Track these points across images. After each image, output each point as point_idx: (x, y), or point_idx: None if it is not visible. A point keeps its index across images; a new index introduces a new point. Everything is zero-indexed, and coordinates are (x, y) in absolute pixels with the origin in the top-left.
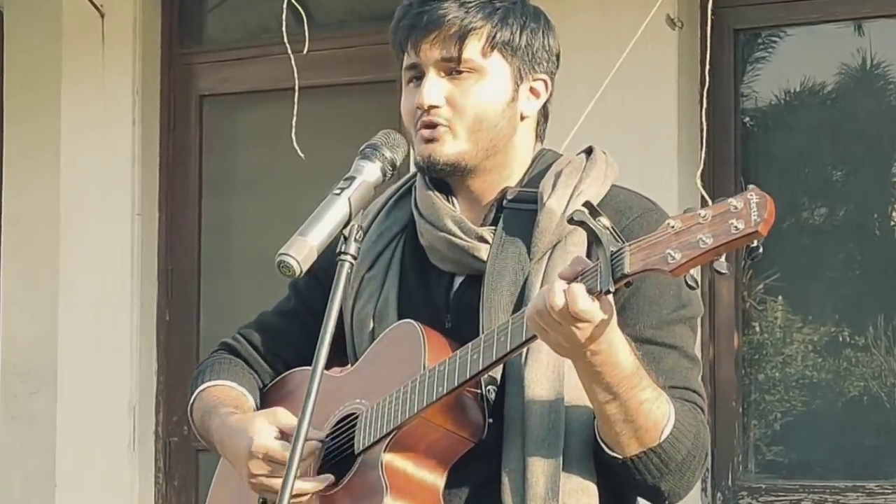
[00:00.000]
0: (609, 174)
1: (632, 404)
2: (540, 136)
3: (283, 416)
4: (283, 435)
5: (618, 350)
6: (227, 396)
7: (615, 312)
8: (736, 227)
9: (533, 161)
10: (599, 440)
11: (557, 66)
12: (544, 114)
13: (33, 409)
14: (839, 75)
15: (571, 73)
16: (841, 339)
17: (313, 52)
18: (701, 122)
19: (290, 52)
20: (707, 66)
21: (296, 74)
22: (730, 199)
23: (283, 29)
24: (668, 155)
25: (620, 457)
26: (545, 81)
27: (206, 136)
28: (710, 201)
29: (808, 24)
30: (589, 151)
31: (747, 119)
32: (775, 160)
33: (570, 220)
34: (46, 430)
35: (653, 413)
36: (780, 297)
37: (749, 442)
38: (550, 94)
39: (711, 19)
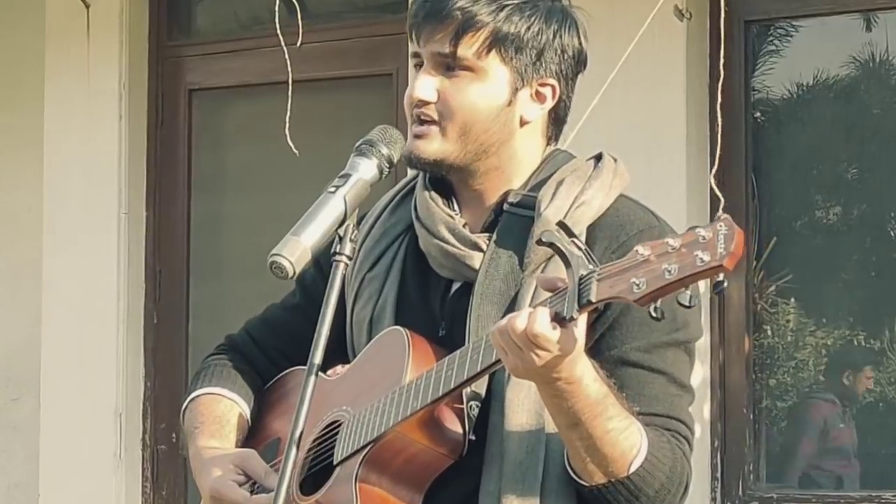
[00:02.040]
0: (615, 184)
1: (596, 433)
2: (551, 139)
3: (251, 460)
4: (247, 479)
5: (582, 376)
6: (211, 414)
7: (579, 340)
8: (701, 258)
9: (542, 163)
10: (567, 466)
11: (579, 68)
12: (555, 118)
13: (16, 415)
14: (853, 68)
15: None
16: (856, 342)
17: (307, 44)
18: (715, 117)
19: (283, 44)
20: (717, 60)
21: (289, 68)
22: (699, 229)
23: (276, 20)
24: (677, 151)
25: (587, 484)
26: (553, 86)
27: (196, 131)
28: (722, 200)
29: (821, 15)
30: (599, 158)
31: (758, 114)
32: (787, 156)
33: (539, 242)
34: (30, 437)
35: (619, 444)
36: (792, 300)
37: (760, 450)
38: (561, 99)
39: (723, 10)
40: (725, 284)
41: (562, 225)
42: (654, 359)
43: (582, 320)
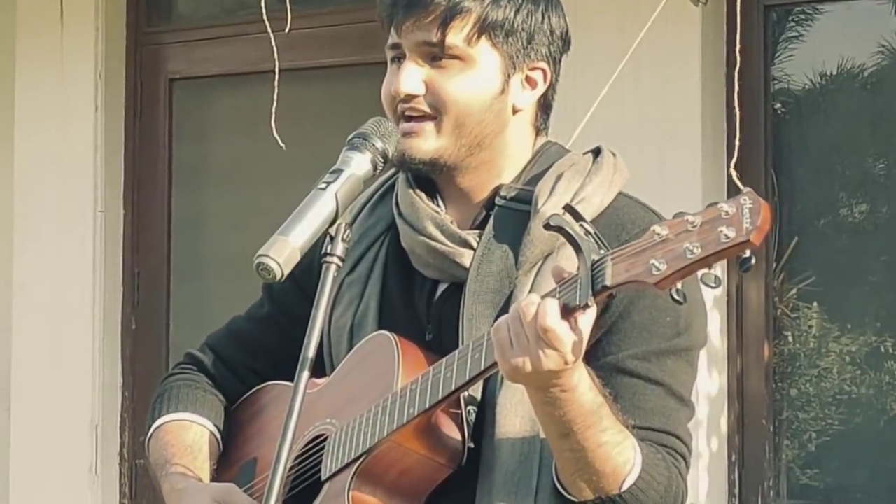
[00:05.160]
0: (616, 180)
1: (588, 445)
2: (540, 129)
3: (233, 495)
4: None
5: (577, 384)
6: (181, 444)
7: (586, 337)
8: (726, 235)
9: (534, 156)
10: (555, 479)
11: (565, 49)
12: (544, 105)
13: None
14: (881, 56)
15: (584, 55)
16: (883, 349)
17: (296, 30)
18: (733, 107)
19: (269, 30)
20: (734, 47)
21: (276, 55)
22: (721, 204)
23: (262, 5)
24: (691, 144)
25: (575, 500)
26: (543, 71)
27: (177, 123)
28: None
29: None
30: (597, 152)
31: (779, 105)
32: (810, 150)
33: (547, 226)
34: None
35: (612, 459)
36: (815, 304)
37: (781, 464)
38: (551, 84)
39: None
40: (753, 261)
41: (569, 208)
42: (652, 368)
43: (590, 319)
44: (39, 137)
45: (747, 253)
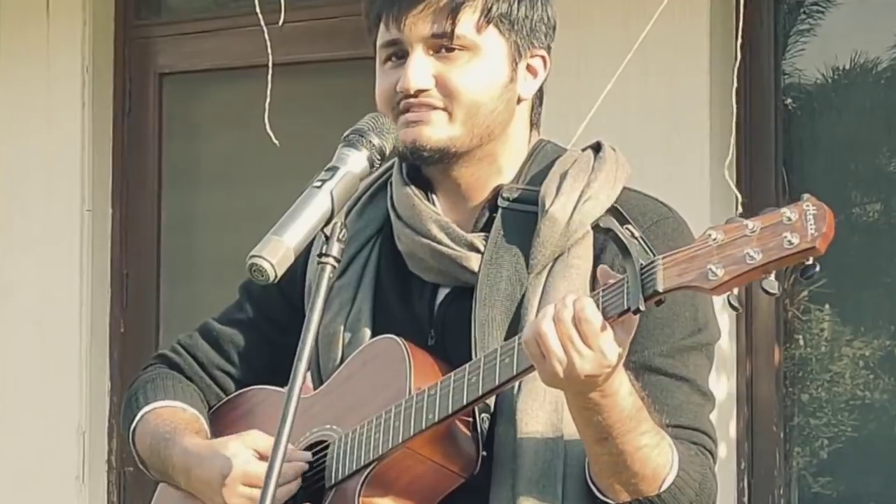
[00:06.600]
0: (620, 175)
1: (628, 449)
2: (534, 123)
3: (259, 438)
4: (263, 458)
5: (619, 388)
6: (181, 419)
7: (622, 349)
8: (790, 241)
9: (531, 154)
10: (590, 482)
11: (554, 39)
12: (539, 96)
13: None
14: (895, 51)
15: (588, 49)
16: None
17: (290, 23)
18: (732, 104)
19: (262, 23)
20: (743, 40)
21: (269, 49)
22: (783, 210)
23: None
24: (699, 141)
25: (612, 502)
26: (543, 58)
27: (167, 119)
28: (739, 196)
29: None
30: (597, 148)
31: (789, 100)
32: (822, 148)
33: (597, 228)
34: None
35: (651, 460)
36: (827, 306)
37: (792, 471)
38: (548, 73)
39: None
40: (818, 268)
41: (613, 210)
42: (677, 364)
43: (631, 326)
44: (25, 134)
45: (810, 260)
